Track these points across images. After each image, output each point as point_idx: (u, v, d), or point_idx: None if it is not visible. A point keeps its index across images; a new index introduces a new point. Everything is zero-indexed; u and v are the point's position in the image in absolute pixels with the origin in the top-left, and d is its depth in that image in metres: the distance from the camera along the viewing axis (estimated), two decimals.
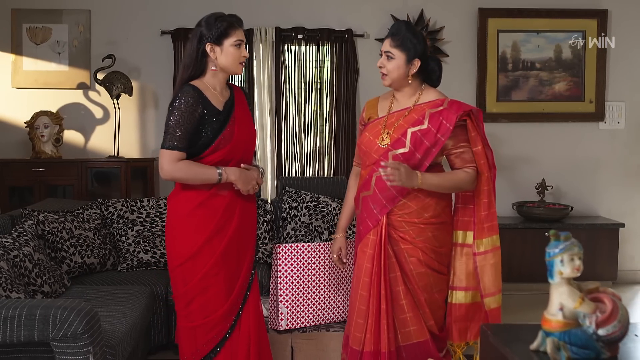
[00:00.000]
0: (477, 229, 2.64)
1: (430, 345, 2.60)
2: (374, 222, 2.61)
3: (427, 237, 2.60)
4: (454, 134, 2.56)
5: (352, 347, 2.64)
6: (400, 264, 2.60)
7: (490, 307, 2.63)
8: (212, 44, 2.55)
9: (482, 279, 2.63)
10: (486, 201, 2.62)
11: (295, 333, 3.15)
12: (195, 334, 2.57)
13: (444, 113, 2.55)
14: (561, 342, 1.41)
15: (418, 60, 2.61)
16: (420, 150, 2.55)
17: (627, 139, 5.66)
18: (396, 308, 2.60)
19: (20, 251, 3.20)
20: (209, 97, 2.55)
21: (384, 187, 2.58)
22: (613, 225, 5.28)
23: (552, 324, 1.43)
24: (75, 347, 2.38)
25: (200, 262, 2.53)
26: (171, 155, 2.46)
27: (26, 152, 5.19)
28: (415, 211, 2.59)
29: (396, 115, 2.67)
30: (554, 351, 1.40)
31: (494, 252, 2.65)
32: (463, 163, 2.60)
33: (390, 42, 2.64)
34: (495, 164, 2.68)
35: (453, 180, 2.60)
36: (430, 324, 2.63)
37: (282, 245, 3.10)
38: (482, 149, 2.58)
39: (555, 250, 1.42)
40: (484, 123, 2.72)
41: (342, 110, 5.39)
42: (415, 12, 5.44)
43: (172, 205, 2.60)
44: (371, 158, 2.66)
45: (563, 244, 1.42)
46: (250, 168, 2.60)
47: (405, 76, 2.63)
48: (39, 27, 5.27)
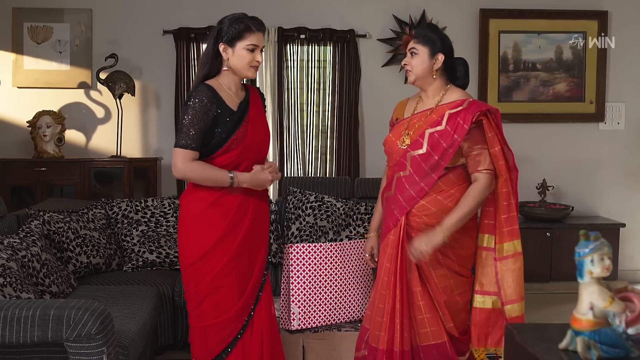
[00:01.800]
0: (497, 232, 2.61)
1: (448, 348, 2.59)
2: (394, 222, 2.62)
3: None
4: (470, 135, 2.54)
5: (370, 345, 2.65)
6: (419, 265, 2.60)
7: (511, 315, 2.58)
8: (225, 45, 2.54)
9: (502, 285, 2.59)
10: (505, 204, 2.58)
11: (307, 333, 3.15)
12: (207, 334, 2.56)
13: (462, 113, 2.54)
14: (591, 341, 1.41)
15: (442, 55, 2.62)
16: (437, 152, 2.55)
17: (627, 140, 5.70)
18: (414, 309, 2.59)
19: (28, 251, 3.19)
20: (224, 97, 2.55)
21: (403, 188, 2.59)
22: (613, 225, 5.31)
23: (582, 323, 1.43)
24: (89, 347, 2.37)
25: (213, 261, 2.52)
26: (185, 154, 2.46)
27: (27, 152, 5.16)
28: (434, 213, 2.58)
29: (418, 116, 2.67)
30: (585, 350, 1.40)
31: (515, 257, 2.60)
32: (477, 166, 2.57)
33: (414, 40, 2.67)
34: (517, 166, 2.63)
35: (470, 202, 2.54)
36: (450, 326, 2.61)
37: (295, 245, 3.10)
38: (499, 150, 2.54)
39: (585, 250, 1.43)
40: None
41: (344, 111, 5.40)
42: (417, 12, 5.45)
43: (185, 205, 2.60)
44: (393, 159, 2.68)
45: (593, 243, 1.43)
46: (263, 169, 2.59)
47: (429, 71, 2.64)
48: (40, 26, 5.25)
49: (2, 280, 2.76)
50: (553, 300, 5.05)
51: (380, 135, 4.32)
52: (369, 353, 2.67)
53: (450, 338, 2.62)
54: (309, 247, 3.10)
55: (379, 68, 5.50)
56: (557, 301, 5.06)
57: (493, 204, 2.63)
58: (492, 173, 2.57)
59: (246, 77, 2.64)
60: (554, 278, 5.28)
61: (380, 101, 5.46)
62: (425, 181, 2.57)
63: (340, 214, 4.40)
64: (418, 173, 2.58)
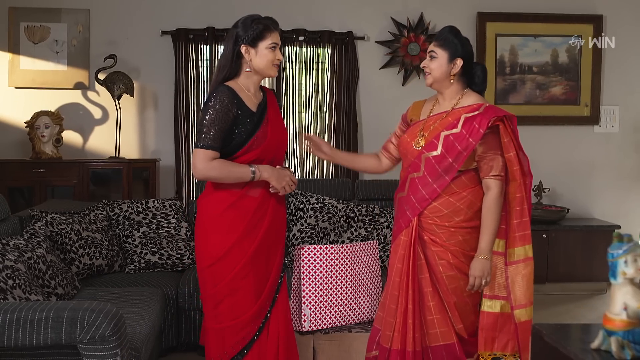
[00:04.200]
0: (509, 237, 2.64)
1: (457, 349, 2.60)
2: (406, 223, 2.64)
3: (458, 240, 2.61)
4: (485, 139, 2.56)
5: (382, 345, 2.66)
6: (430, 266, 2.61)
7: (520, 319, 2.61)
8: (248, 46, 2.55)
9: (513, 289, 2.62)
10: (519, 209, 2.61)
11: (318, 334, 3.16)
12: (224, 336, 2.55)
13: (478, 118, 2.56)
14: (625, 341, 1.44)
15: (460, 60, 2.63)
16: (451, 154, 2.57)
17: (621, 143, 5.76)
18: (424, 309, 2.61)
19: (34, 253, 3.16)
20: (243, 98, 2.55)
21: (416, 189, 2.61)
22: (609, 227, 5.37)
23: (615, 323, 1.46)
24: (103, 349, 2.36)
25: (230, 263, 2.52)
26: (205, 154, 2.46)
27: (24, 153, 5.12)
28: (446, 214, 2.60)
29: (434, 118, 2.69)
30: (619, 350, 1.43)
31: (526, 262, 2.63)
32: (490, 171, 2.59)
33: (434, 43, 2.68)
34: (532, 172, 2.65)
35: (494, 215, 2.58)
36: (459, 327, 2.63)
37: (306, 246, 3.11)
38: (514, 156, 2.57)
39: (619, 252, 1.45)
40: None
41: (342, 113, 5.40)
42: (415, 15, 5.48)
43: (203, 206, 2.60)
44: (407, 160, 2.71)
45: (627, 245, 1.45)
46: (284, 168, 2.62)
47: (447, 75, 2.65)
48: (37, 26, 5.21)
49: (11, 282, 2.74)
50: (549, 302, 5.10)
51: (378, 137, 4.37)
52: (381, 353, 2.68)
53: (460, 339, 2.63)
54: (320, 249, 3.11)
55: (377, 70, 5.52)
56: (554, 302, 5.11)
57: (505, 208, 2.65)
58: (503, 179, 2.60)
59: (269, 76, 2.66)
60: (550, 279, 5.32)
61: (378, 103, 5.48)
62: (438, 183, 2.59)
63: (341, 215, 4.40)
64: (432, 175, 2.60)
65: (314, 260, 3.10)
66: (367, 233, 4.39)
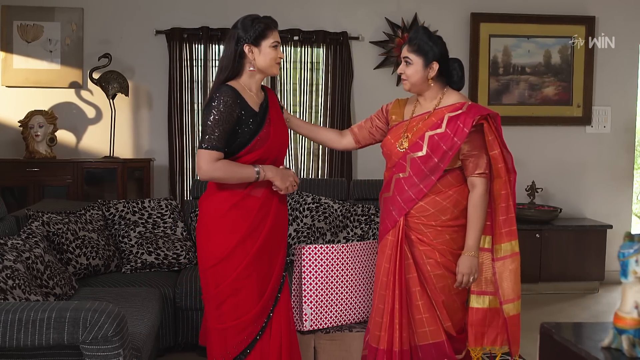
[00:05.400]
0: (495, 233, 2.67)
1: (447, 346, 2.63)
2: (392, 223, 2.66)
3: (445, 239, 2.63)
4: (470, 138, 2.59)
5: (370, 345, 2.69)
6: (418, 266, 2.64)
7: (509, 314, 2.66)
8: (250, 45, 2.55)
9: (501, 285, 2.66)
10: (504, 205, 2.65)
11: (319, 334, 3.16)
12: (226, 336, 2.55)
13: (462, 117, 2.58)
14: (636, 339, 1.45)
15: (436, 63, 2.65)
16: (437, 154, 2.59)
17: (612, 143, 5.82)
18: (413, 309, 2.64)
19: (32, 253, 3.14)
20: (246, 98, 2.55)
21: (402, 189, 2.63)
22: (601, 226, 5.42)
23: (626, 322, 1.47)
24: (105, 349, 2.35)
25: (233, 263, 2.51)
26: (209, 155, 2.45)
27: (17, 152, 5.08)
28: (432, 214, 2.62)
29: (417, 119, 2.71)
30: (631, 348, 1.44)
31: (513, 257, 2.67)
32: (475, 169, 2.62)
33: (407, 48, 2.69)
34: (516, 169, 2.70)
35: (479, 212, 2.61)
36: (448, 325, 2.66)
37: (307, 246, 3.11)
38: (499, 153, 2.61)
39: (629, 251, 1.47)
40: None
41: (337, 112, 5.42)
42: (409, 15, 5.50)
43: (206, 207, 2.59)
44: (391, 161, 2.72)
45: (638, 244, 1.47)
46: (286, 169, 2.62)
47: (424, 80, 2.67)
48: (30, 25, 5.17)
49: (11, 283, 2.72)
50: (542, 301, 5.13)
51: None
52: (369, 353, 2.70)
53: (448, 337, 2.67)
54: (320, 248, 3.12)
55: (371, 70, 5.53)
56: (546, 302, 5.15)
57: (490, 205, 2.68)
58: (488, 176, 2.64)
59: (272, 74, 2.67)
60: (543, 279, 5.36)
61: (372, 103, 5.44)
62: (424, 183, 2.61)
63: (337, 215, 4.41)
64: (418, 175, 2.62)
65: (314, 260, 3.10)
66: (363, 233, 4.40)
